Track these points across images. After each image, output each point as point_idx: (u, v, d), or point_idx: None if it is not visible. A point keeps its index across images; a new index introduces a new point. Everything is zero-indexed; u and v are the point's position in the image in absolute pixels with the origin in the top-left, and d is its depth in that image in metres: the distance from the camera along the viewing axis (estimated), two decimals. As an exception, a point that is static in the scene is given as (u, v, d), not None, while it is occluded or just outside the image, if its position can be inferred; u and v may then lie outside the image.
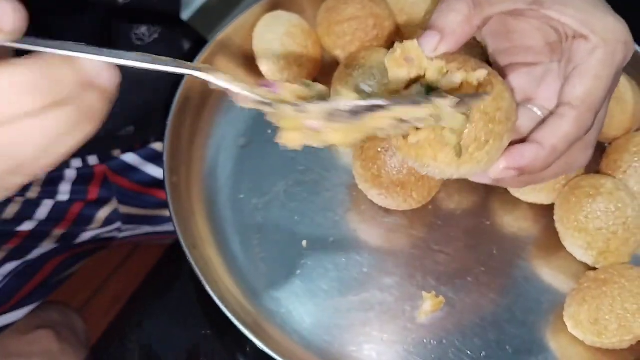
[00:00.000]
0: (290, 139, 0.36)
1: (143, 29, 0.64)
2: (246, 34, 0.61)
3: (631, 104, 0.57)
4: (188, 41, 0.76)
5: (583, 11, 0.41)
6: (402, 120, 0.36)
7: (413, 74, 0.40)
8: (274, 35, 0.59)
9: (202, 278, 0.48)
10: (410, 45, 0.40)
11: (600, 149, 0.59)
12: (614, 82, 0.42)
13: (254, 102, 0.36)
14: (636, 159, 0.55)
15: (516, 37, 0.45)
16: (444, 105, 0.36)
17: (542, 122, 0.41)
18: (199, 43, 0.63)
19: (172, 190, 0.52)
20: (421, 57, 0.40)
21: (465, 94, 0.38)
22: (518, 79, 0.45)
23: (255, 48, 0.60)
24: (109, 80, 0.32)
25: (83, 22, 0.58)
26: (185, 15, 1.01)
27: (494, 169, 0.40)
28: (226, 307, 0.47)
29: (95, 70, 0.31)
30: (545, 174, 0.43)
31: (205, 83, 0.59)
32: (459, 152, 0.38)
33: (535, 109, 0.43)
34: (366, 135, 0.37)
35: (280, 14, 0.61)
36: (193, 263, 0.48)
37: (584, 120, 0.40)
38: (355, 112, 0.36)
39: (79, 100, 0.31)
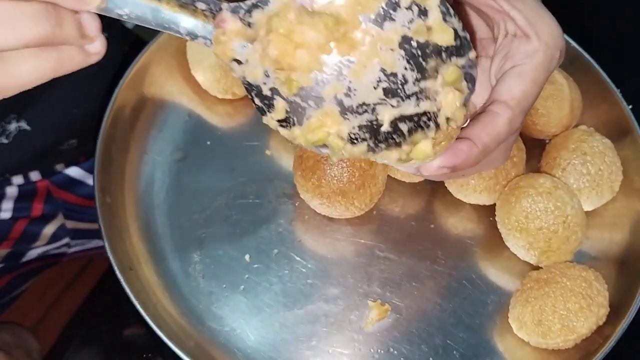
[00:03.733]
0: (285, 50, 0.33)
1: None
2: (180, 42, 0.60)
3: (568, 100, 0.57)
4: (128, 45, 0.74)
5: (531, 10, 0.40)
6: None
7: None
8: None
9: (137, 303, 0.47)
10: None
11: (540, 147, 0.59)
12: (542, 87, 0.41)
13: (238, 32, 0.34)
14: (574, 156, 0.55)
15: None
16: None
17: (472, 117, 0.41)
18: (138, 46, 0.62)
19: (104, 211, 0.50)
20: None
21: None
22: None
23: (189, 58, 0.59)
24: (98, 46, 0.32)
25: None
26: (129, 23, 0.99)
27: (428, 167, 0.39)
28: (164, 331, 0.46)
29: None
30: (467, 172, 0.43)
31: (137, 94, 0.58)
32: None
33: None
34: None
35: (213, 22, 0.60)
36: (127, 288, 0.47)
37: (515, 122, 0.40)
38: None
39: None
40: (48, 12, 0.31)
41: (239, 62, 0.34)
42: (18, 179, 0.69)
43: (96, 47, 0.33)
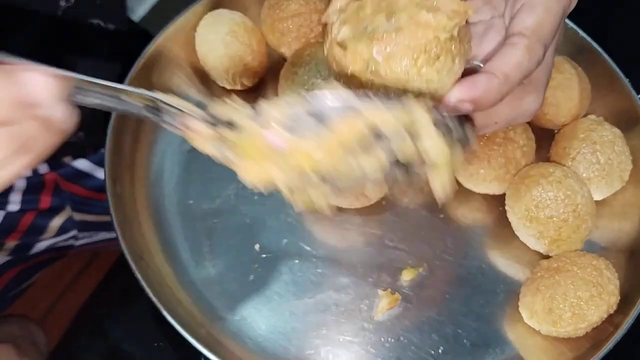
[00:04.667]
0: (253, 172, 0.34)
1: (90, 32, 0.62)
2: (188, 33, 0.60)
3: (577, 90, 0.57)
4: (134, 40, 0.74)
5: None
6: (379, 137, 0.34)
7: None
8: (216, 35, 0.58)
9: (149, 291, 0.47)
10: None
11: (549, 137, 0.59)
12: (560, 28, 0.40)
13: (208, 135, 0.34)
14: (584, 145, 0.55)
15: None
16: (418, 110, 0.34)
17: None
18: (145, 39, 0.62)
19: (115, 200, 0.50)
20: None
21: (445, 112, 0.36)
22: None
23: (198, 49, 0.59)
24: (60, 112, 0.29)
25: (26, 33, 0.56)
26: (136, 16, 0.99)
27: (446, 101, 0.37)
28: (176, 319, 0.46)
29: (38, 89, 0.28)
30: (498, 117, 0.41)
31: (146, 85, 0.58)
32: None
33: (479, 64, 0.41)
34: (338, 158, 0.34)
35: (222, 12, 0.60)
36: (139, 276, 0.47)
37: (535, 50, 0.38)
38: (319, 117, 0.33)
39: (16, 124, 0.28)
40: (13, 135, 0.29)
41: None
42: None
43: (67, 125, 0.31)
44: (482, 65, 0.41)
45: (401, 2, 0.36)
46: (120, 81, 0.57)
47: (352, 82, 0.37)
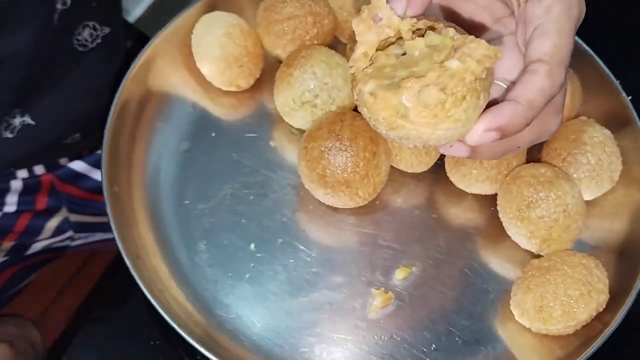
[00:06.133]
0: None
1: (85, 34, 0.62)
2: (185, 35, 0.60)
3: (569, 92, 0.58)
4: (130, 41, 0.75)
5: None
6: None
7: (383, 35, 0.39)
8: (212, 37, 0.59)
9: (145, 290, 0.47)
10: (378, 4, 0.39)
11: (541, 138, 0.60)
12: (574, 35, 0.41)
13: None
14: (574, 146, 0.56)
15: (463, 18, 0.45)
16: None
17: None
18: (141, 41, 0.62)
19: (113, 200, 0.51)
20: (390, 16, 0.39)
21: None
22: None
23: (194, 50, 0.60)
24: None
25: (21, 34, 0.57)
26: (132, 17, 1.00)
27: (472, 133, 0.38)
28: (172, 318, 0.47)
29: None
30: (521, 140, 0.41)
31: (143, 87, 0.59)
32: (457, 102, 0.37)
33: (498, 82, 0.42)
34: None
35: (218, 14, 0.60)
36: (135, 275, 0.48)
37: (556, 74, 0.39)
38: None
39: None
40: None
41: None
42: (22, 173, 0.69)
43: None
44: (502, 84, 0.42)
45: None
46: (117, 82, 0.58)
47: (383, 125, 0.38)
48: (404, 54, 0.39)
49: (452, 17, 0.45)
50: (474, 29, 0.45)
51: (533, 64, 0.39)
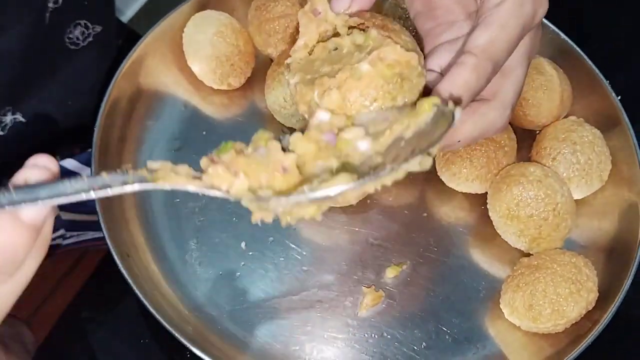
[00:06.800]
0: (263, 217, 0.37)
1: (77, 33, 0.62)
2: (176, 33, 0.60)
3: (558, 92, 0.58)
4: (122, 40, 0.74)
5: None
6: None
7: (321, 28, 0.41)
8: (203, 35, 0.59)
9: (135, 288, 0.47)
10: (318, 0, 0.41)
11: (530, 137, 0.60)
12: (530, 41, 0.41)
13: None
14: (564, 145, 0.56)
15: (439, 14, 0.45)
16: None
17: None
18: (132, 40, 0.62)
19: (102, 199, 0.51)
20: (326, 10, 0.41)
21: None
22: (445, 57, 0.43)
23: (185, 49, 0.60)
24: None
25: (12, 34, 0.56)
26: (125, 17, 0.99)
27: None
28: (162, 316, 0.47)
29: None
30: (460, 135, 0.41)
31: (133, 86, 0.58)
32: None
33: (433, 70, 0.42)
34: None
35: (209, 13, 0.60)
36: (126, 273, 0.48)
37: (482, 68, 0.38)
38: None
39: None
40: None
41: None
42: (14, 171, 0.69)
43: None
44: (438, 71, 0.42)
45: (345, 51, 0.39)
46: (109, 80, 0.57)
47: (305, 115, 0.39)
48: (336, 49, 0.40)
49: (429, 14, 0.45)
50: (446, 28, 0.44)
51: (463, 55, 0.39)
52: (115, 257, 0.48)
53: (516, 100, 0.43)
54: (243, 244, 0.54)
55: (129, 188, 0.32)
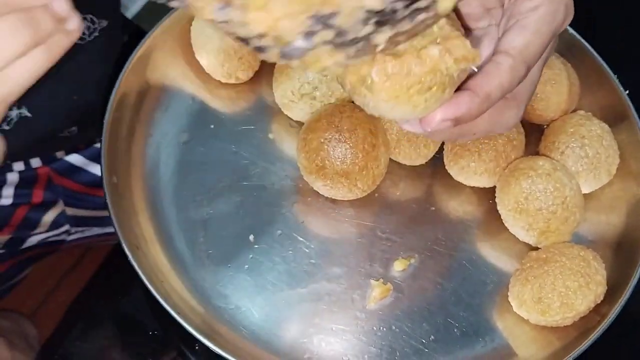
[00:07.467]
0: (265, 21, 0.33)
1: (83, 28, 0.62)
2: (184, 26, 0.61)
3: (566, 85, 0.58)
4: (127, 35, 0.74)
5: None
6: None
7: None
8: (211, 29, 0.58)
9: (145, 279, 0.47)
10: None
11: (539, 131, 0.60)
12: (550, 44, 0.42)
13: None
14: (573, 139, 0.56)
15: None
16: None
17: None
18: (138, 36, 0.62)
19: (112, 191, 0.51)
20: None
21: None
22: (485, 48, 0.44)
23: (193, 42, 0.60)
24: (75, 23, 0.34)
25: None
26: (129, 13, 0.99)
27: (428, 120, 0.38)
28: (171, 307, 0.47)
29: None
30: (477, 129, 0.42)
31: (141, 79, 0.58)
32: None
33: (473, 68, 0.42)
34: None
35: (217, 6, 0.60)
36: (135, 264, 0.48)
37: (518, 71, 0.39)
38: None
39: (30, 12, 0.33)
40: (23, 20, 0.32)
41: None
42: (19, 165, 0.69)
43: (74, 25, 0.35)
44: (475, 69, 0.42)
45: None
46: (115, 76, 0.57)
47: (347, 86, 0.38)
48: None
49: None
50: (461, 18, 0.45)
51: (500, 54, 0.39)
52: (126, 249, 0.48)
53: (530, 99, 0.44)
54: (251, 237, 0.54)
55: None
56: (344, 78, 0.38)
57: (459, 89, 0.39)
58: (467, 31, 0.44)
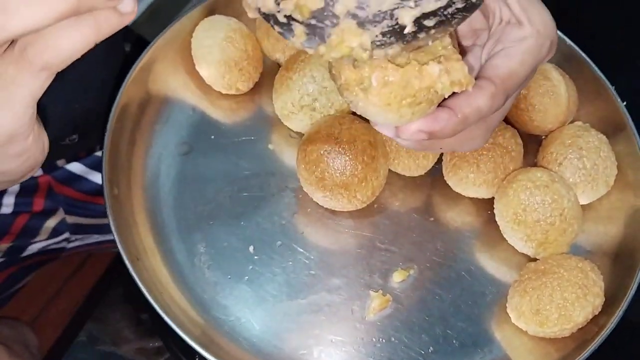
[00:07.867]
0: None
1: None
2: (184, 38, 0.61)
3: (565, 97, 0.59)
4: (129, 44, 0.75)
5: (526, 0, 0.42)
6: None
7: None
8: (212, 40, 0.59)
9: (145, 290, 0.47)
10: None
11: (537, 142, 0.60)
12: (531, 76, 0.43)
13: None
14: (571, 150, 0.57)
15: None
16: None
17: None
18: (139, 44, 0.62)
19: (113, 202, 0.51)
20: None
21: None
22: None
23: (194, 54, 0.60)
24: (130, 5, 0.32)
25: None
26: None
27: (404, 129, 0.40)
28: (171, 319, 0.47)
29: None
30: (444, 143, 0.43)
31: (142, 90, 0.59)
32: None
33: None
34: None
35: (218, 18, 0.61)
36: (135, 276, 0.48)
37: (498, 99, 0.40)
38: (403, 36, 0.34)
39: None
40: None
41: None
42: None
43: (128, 7, 0.33)
44: None
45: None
46: (116, 85, 0.58)
47: (340, 80, 0.38)
48: None
49: None
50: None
51: (483, 79, 0.41)
52: (126, 260, 0.48)
53: (498, 126, 0.45)
54: (251, 248, 0.54)
55: None
56: (339, 72, 0.38)
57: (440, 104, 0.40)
58: (462, 53, 0.45)
